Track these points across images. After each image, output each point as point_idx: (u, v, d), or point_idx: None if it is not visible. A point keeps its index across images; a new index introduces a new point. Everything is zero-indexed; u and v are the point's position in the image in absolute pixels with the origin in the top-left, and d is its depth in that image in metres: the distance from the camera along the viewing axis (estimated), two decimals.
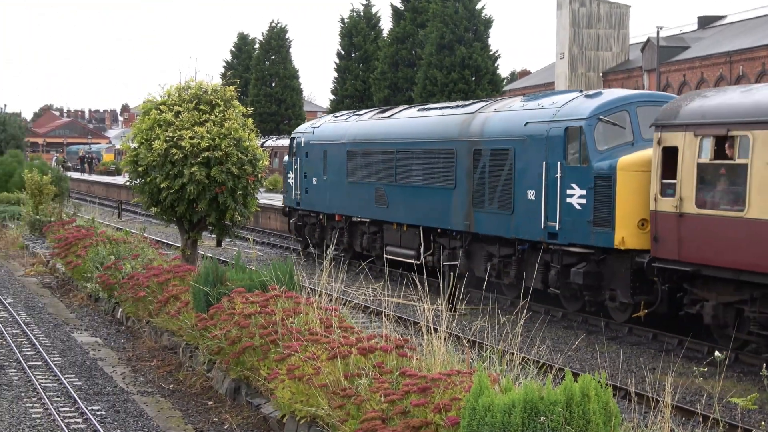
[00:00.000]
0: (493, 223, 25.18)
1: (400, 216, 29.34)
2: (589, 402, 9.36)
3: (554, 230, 22.96)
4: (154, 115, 22.38)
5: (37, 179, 39.33)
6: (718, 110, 19.09)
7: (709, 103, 19.53)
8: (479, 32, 65.03)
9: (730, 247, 18.38)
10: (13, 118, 71.22)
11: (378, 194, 30.45)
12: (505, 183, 24.65)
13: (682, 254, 19.52)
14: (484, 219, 25.54)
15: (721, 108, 19.14)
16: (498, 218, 24.97)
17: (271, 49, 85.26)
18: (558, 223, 22.80)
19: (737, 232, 18.14)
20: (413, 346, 12.91)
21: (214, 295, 17.19)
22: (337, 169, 32.88)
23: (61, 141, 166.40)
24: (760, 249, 17.60)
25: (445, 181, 27.16)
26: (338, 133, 33.69)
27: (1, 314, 23.64)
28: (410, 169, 28.73)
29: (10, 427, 14.31)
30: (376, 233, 31.26)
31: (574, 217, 22.41)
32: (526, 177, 23.98)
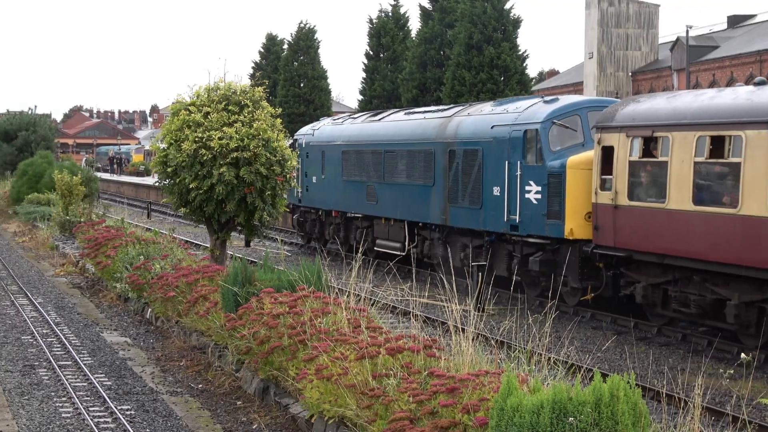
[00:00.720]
0: (466, 217, 27.76)
1: (387, 211, 31.90)
2: (617, 403, 9.32)
3: (515, 223, 25.40)
4: (183, 116, 22.45)
5: (67, 180, 39.52)
6: (646, 114, 21.73)
7: (639, 108, 22.22)
8: (508, 32, 64.84)
9: (655, 234, 21.07)
10: (43, 119, 71.60)
11: (369, 191, 32.96)
12: (475, 180, 27.17)
13: (617, 241, 22.27)
14: (458, 213, 28.10)
15: (648, 112, 21.74)
16: (469, 212, 27.54)
17: (299, 49, 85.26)
18: (518, 216, 25.27)
19: (660, 221, 20.87)
20: (441, 346, 12.91)
21: (243, 295, 17.23)
22: (334, 169, 35.22)
23: (90, 142, 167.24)
24: (678, 236, 20.40)
25: (425, 179, 29.69)
26: (335, 135, 36.21)
27: (31, 314, 23.78)
28: (396, 168, 31.33)
29: (40, 426, 14.39)
30: (367, 227, 33.71)
31: (532, 210, 24.89)
32: (492, 175, 26.44)
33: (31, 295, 26.51)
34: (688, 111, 20.63)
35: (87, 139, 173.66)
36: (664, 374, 17.27)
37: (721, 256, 19.41)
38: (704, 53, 74.47)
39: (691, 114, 20.45)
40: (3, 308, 24.69)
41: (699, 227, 19.97)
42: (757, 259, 18.53)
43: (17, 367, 18.17)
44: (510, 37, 64.85)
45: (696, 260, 20.16)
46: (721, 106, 20.02)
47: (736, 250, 19.06)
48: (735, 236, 19.07)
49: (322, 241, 37.60)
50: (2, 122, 69.31)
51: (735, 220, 19.06)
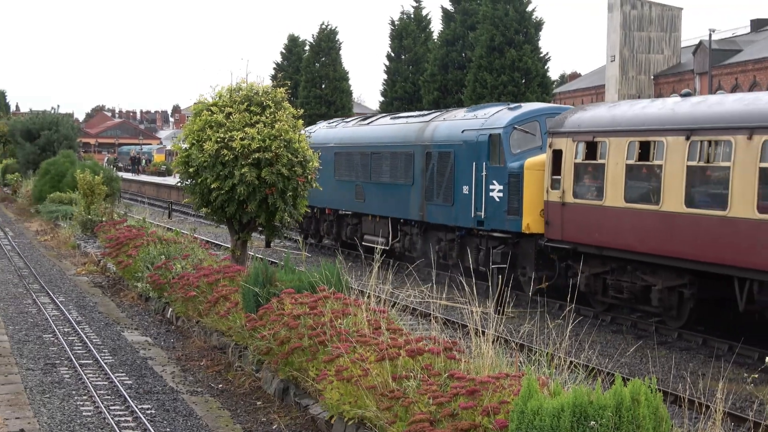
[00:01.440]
0: (440, 213, 30.29)
1: (373, 209, 34.37)
2: (639, 407, 9.30)
3: (481, 219, 27.88)
4: (206, 117, 22.48)
5: (89, 179, 39.64)
6: (590, 121, 24.26)
7: (584, 116, 24.78)
8: (529, 35, 64.79)
9: (595, 229, 23.68)
10: (66, 119, 71.78)
11: (357, 190, 35.42)
12: (448, 180, 29.69)
13: (564, 235, 24.75)
14: (434, 210, 30.62)
15: (591, 120, 24.30)
16: (443, 209, 30.06)
17: (321, 50, 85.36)
18: (483, 212, 27.77)
19: (599, 217, 23.49)
20: (461, 348, 12.90)
21: (264, 295, 17.25)
22: (327, 169, 36.09)
23: (112, 141, 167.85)
24: (613, 230, 23.01)
25: (406, 179, 32.22)
26: (328, 137, 38.36)
27: (53, 313, 23.87)
28: (381, 168, 33.73)
29: (61, 424, 14.45)
30: (356, 224, 36.19)
31: (495, 207, 27.43)
32: (462, 175, 28.95)
33: (53, 294, 26.61)
34: (623, 119, 23.23)
35: (109, 138, 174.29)
36: (685, 379, 17.24)
37: (647, 248, 21.97)
38: (727, 57, 74.18)
39: (625, 122, 23.05)
40: (25, 307, 24.79)
41: (629, 222, 22.51)
42: (674, 250, 21.17)
43: (39, 366, 18.24)
44: (532, 40, 64.80)
45: (628, 252, 22.66)
46: (649, 115, 22.50)
47: (658, 242, 21.63)
48: (657, 230, 21.61)
49: (317, 237, 40.29)
50: (25, 121, 69.57)
51: (657, 215, 21.63)
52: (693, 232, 20.62)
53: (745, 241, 19.29)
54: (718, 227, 19.91)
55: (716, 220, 19.95)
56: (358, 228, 36.02)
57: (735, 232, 19.52)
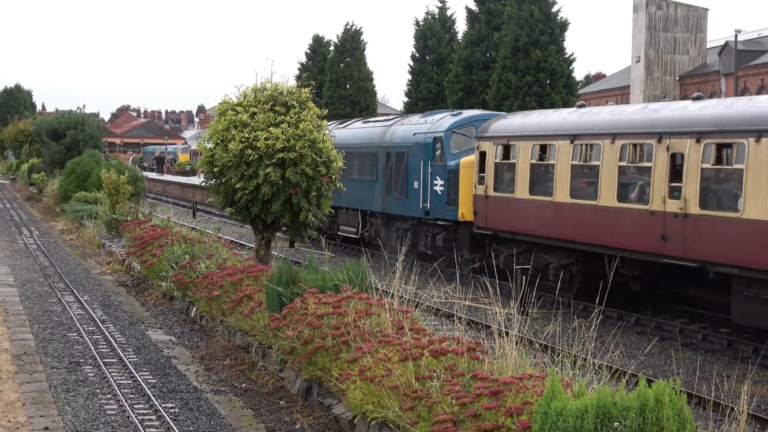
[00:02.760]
0: (397, 205, 35.05)
1: (347, 202, 37.74)
2: (663, 408, 9.26)
3: (428, 209, 32.68)
4: (230, 116, 22.52)
5: (114, 179, 39.76)
6: (507, 128, 29.08)
7: (504, 123, 29.70)
8: (554, 35, 64.62)
9: (509, 217, 28.31)
10: (91, 119, 71.92)
11: None
12: (403, 176, 34.36)
13: (488, 223, 29.48)
14: (392, 202, 35.37)
15: (509, 126, 29.18)
16: (399, 202, 34.85)
17: (345, 51, 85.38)
18: (429, 204, 32.58)
19: (512, 207, 28.08)
20: (485, 349, 12.88)
21: (287, 295, 17.26)
22: None
23: (137, 141, 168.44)
24: (522, 218, 27.67)
25: (371, 176, 36.77)
26: None
27: (77, 311, 23.96)
28: (353, 167, 36.87)
29: (85, 423, 14.50)
30: (334, 216, 38.73)
31: (438, 200, 32.20)
32: (414, 172, 33.66)
33: (78, 293, 26.72)
34: (530, 126, 28.10)
35: (134, 138, 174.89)
36: (710, 380, 17.16)
37: (545, 233, 26.59)
38: (753, 58, 73.80)
39: (530, 128, 27.92)
40: (50, 305, 24.90)
41: (533, 212, 27.14)
42: (564, 234, 25.81)
43: (63, 364, 18.31)
44: (557, 40, 64.63)
45: (533, 236, 27.24)
46: (548, 123, 27.37)
47: (553, 228, 26.29)
48: (552, 218, 26.26)
49: None
50: (51, 121, 69.80)
51: (551, 205, 26.24)
52: (576, 219, 25.25)
53: (609, 225, 24.08)
54: (592, 214, 24.67)
55: (590, 209, 24.69)
56: (335, 219, 39.71)
57: (603, 218, 24.23)
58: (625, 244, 23.41)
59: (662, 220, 22.13)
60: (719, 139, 20.86)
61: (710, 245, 20.98)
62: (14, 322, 22.40)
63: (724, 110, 21.52)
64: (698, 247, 21.26)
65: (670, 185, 22.07)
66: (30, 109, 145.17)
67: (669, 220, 21.93)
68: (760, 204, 19.44)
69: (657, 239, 22.29)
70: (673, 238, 21.84)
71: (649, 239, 22.56)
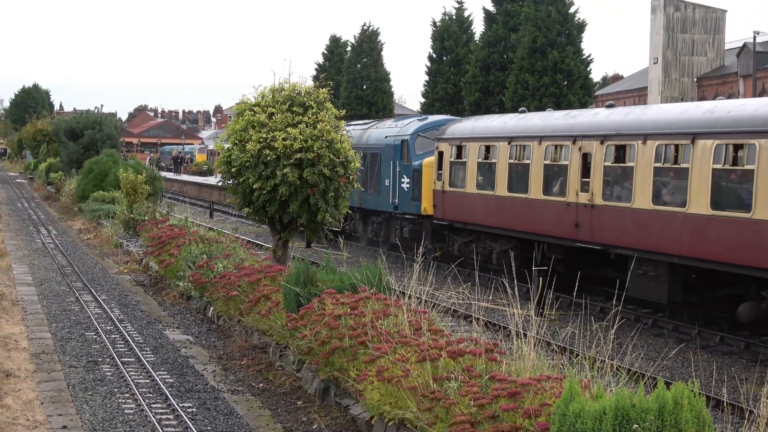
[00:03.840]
0: (372, 201, 38.79)
1: None
2: (681, 411, 9.24)
3: (396, 204, 36.68)
4: (248, 116, 22.53)
5: (132, 178, 39.84)
6: (460, 131, 33.11)
7: (458, 126, 33.72)
8: (572, 36, 64.52)
9: (462, 210, 32.32)
10: (109, 118, 72.04)
11: None
12: (377, 175, 38.14)
13: (445, 215, 33.52)
14: (368, 199, 39.06)
15: (461, 130, 33.16)
16: (374, 198, 38.57)
17: (362, 51, 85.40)
18: (398, 200, 36.60)
19: (464, 201, 32.12)
20: (503, 350, 12.87)
21: (305, 295, 17.28)
22: None
23: (155, 141, 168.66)
24: (471, 210, 31.68)
25: None
26: None
27: (95, 311, 24.03)
28: None
29: (103, 422, 14.54)
30: None
31: (405, 196, 36.20)
32: (385, 171, 37.51)
33: (95, 292, 26.79)
34: (478, 129, 32.16)
35: (151, 138, 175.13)
36: (728, 383, 17.11)
37: (490, 223, 30.73)
38: None
39: (478, 131, 31.98)
40: (68, 304, 24.98)
41: (480, 204, 31.09)
42: (504, 223, 29.81)
43: (81, 363, 18.37)
44: (574, 41, 64.54)
45: (480, 225, 31.29)
46: (491, 127, 31.60)
47: (495, 218, 30.32)
48: (494, 209, 30.20)
49: None
50: (69, 121, 69.91)
51: (494, 198, 30.28)
52: (513, 210, 29.20)
53: (537, 215, 27.91)
54: (525, 206, 28.59)
55: (523, 201, 28.66)
56: None
57: (533, 209, 28.17)
58: (549, 231, 27.48)
59: (575, 210, 26.13)
60: (617, 141, 24.72)
61: (611, 231, 24.90)
62: (32, 321, 22.49)
63: (622, 117, 25.47)
64: (602, 233, 25.21)
65: (582, 180, 25.88)
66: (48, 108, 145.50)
67: (580, 210, 25.94)
68: (645, 196, 23.41)
69: (572, 227, 26.31)
70: (583, 225, 25.82)
71: (566, 227, 26.54)
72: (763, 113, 20.72)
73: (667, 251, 22.82)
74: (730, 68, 79.06)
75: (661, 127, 23.44)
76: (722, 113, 21.86)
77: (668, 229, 22.75)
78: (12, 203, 64.74)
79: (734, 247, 20.93)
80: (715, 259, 21.51)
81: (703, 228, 21.70)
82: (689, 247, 22.19)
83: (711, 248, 21.59)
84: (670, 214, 22.69)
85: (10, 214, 54.29)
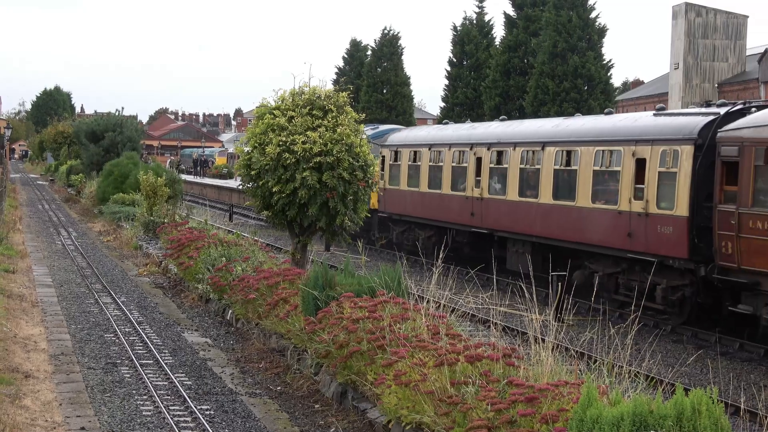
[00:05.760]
0: None
1: None
2: (699, 417, 9.21)
3: None
4: (268, 120, 22.58)
5: (152, 181, 39.94)
6: (398, 139, 40.17)
7: (397, 135, 40.84)
8: (593, 41, 64.36)
9: (398, 204, 39.08)
10: (130, 121, 72.24)
11: None
12: None
13: (386, 209, 39.88)
14: None
15: (399, 138, 40.24)
16: None
17: (383, 55, 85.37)
18: None
19: (399, 197, 38.87)
20: (521, 355, 12.85)
21: (323, 299, 17.29)
22: None
23: (175, 144, 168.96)
24: (404, 204, 38.21)
25: None
26: None
27: (114, 313, 24.10)
28: None
29: (121, 423, 14.58)
30: None
31: None
32: None
33: (115, 294, 26.87)
34: (410, 137, 39.53)
35: (172, 141, 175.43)
36: (747, 390, 17.04)
37: (417, 214, 37.34)
38: None
39: (410, 139, 39.19)
40: (87, 306, 25.06)
41: (410, 199, 37.83)
42: (427, 214, 36.73)
43: (100, 365, 18.43)
44: (595, 46, 64.37)
45: (412, 217, 37.97)
46: (418, 136, 38.78)
47: (421, 210, 36.99)
48: (419, 203, 36.87)
49: None
50: (90, 123, 70.17)
51: (419, 194, 37.11)
52: (431, 203, 36.02)
53: (447, 207, 35.03)
54: (439, 200, 35.68)
55: (438, 196, 35.78)
56: None
57: (444, 202, 35.28)
58: (455, 219, 34.67)
59: (471, 202, 33.42)
60: (498, 147, 32.18)
61: (494, 218, 32.23)
62: (52, 323, 22.57)
63: (503, 129, 33.21)
64: (488, 220, 32.59)
65: (476, 178, 33.11)
66: (69, 111, 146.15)
67: (474, 202, 33.32)
68: (514, 190, 30.77)
69: (469, 216, 33.59)
70: (476, 214, 33.15)
71: (465, 216, 33.81)
72: (583, 129, 28.38)
73: (528, 233, 29.96)
74: (751, 74, 78.70)
75: (525, 137, 31.06)
76: (561, 128, 29.47)
77: (529, 215, 29.88)
78: (33, 205, 65.03)
79: (566, 228, 28.01)
80: (557, 237, 28.59)
81: (549, 214, 28.82)
82: (541, 229, 29.31)
83: (554, 230, 28.70)
84: (530, 204, 29.80)
85: (30, 216, 54.52)
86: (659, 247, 24.03)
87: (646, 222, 24.45)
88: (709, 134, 22.95)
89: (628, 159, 25.20)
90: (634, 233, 24.87)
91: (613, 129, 26.80)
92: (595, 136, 27.21)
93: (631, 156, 25.11)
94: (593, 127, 27.98)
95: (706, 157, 22.89)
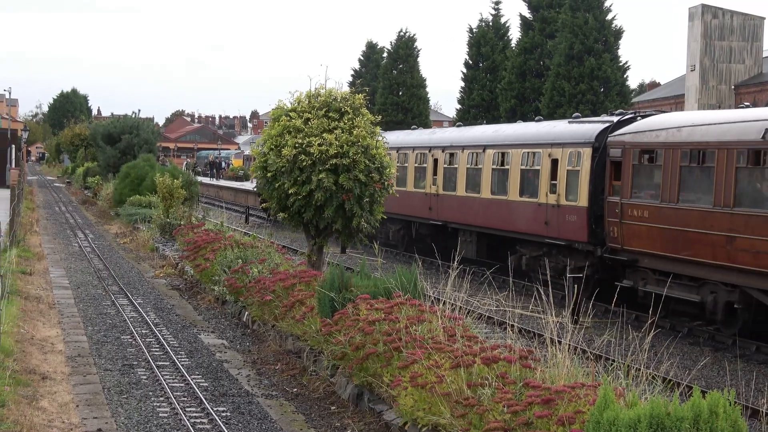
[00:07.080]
0: None
1: None
2: (717, 420, 9.18)
3: None
4: (284, 122, 22.59)
5: (168, 183, 40.01)
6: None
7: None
8: (609, 43, 64.34)
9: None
10: (146, 123, 72.54)
11: None
12: None
13: None
14: None
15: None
16: None
17: (399, 57, 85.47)
18: None
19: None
20: (537, 357, 12.83)
21: (339, 301, 17.29)
22: None
23: (191, 146, 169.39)
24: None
25: None
26: None
27: (131, 314, 24.15)
28: None
29: (138, 425, 14.61)
30: None
31: None
32: None
33: (131, 296, 26.93)
34: (398, 140, 40.72)
35: (188, 143, 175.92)
36: (764, 392, 16.98)
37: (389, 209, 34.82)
38: None
39: (396, 142, 39.84)
40: (104, 308, 25.12)
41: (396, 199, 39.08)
42: (395, 210, 37.34)
43: (116, 366, 18.47)
44: (611, 48, 64.36)
45: (411, 216, 39.72)
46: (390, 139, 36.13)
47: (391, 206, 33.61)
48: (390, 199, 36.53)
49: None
50: (106, 125, 70.39)
51: (406, 194, 38.42)
52: (399, 199, 34.41)
53: (411, 203, 38.73)
54: (405, 196, 37.74)
55: (405, 193, 37.85)
56: None
57: (408, 198, 38.53)
58: (417, 213, 38.92)
59: (429, 198, 37.80)
60: (451, 150, 36.43)
61: (447, 212, 36.50)
62: (68, 324, 22.63)
63: (456, 134, 37.51)
64: (443, 213, 36.86)
65: (433, 177, 37.57)
66: (86, 113, 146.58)
67: (432, 198, 37.64)
68: (462, 187, 35.04)
69: (427, 210, 38.06)
70: (433, 208, 37.54)
71: (424, 210, 38.27)
72: (515, 134, 33.27)
73: (473, 224, 34.66)
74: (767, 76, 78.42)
75: (471, 140, 35.39)
76: (499, 133, 34.50)
77: (473, 209, 34.32)
78: (49, 207, 65.23)
79: (501, 219, 32.61)
80: (495, 227, 33.27)
81: (488, 207, 33.39)
82: (483, 221, 34.02)
83: (493, 221, 33.33)
84: (474, 199, 34.32)
85: (47, 218, 54.69)
86: (567, 232, 28.65)
87: (558, 212, 29.06)
88: (604, 139, 27.49)
89: (546, 159, 29.84)
90: (550, 222, 29.52)
91: (536, 134, 31.60)
92: (523, 140, 32.18)
93: (548, 157, 29.79)
94: (523, 133, 33.06)
95: (601, 157, 27.42)
